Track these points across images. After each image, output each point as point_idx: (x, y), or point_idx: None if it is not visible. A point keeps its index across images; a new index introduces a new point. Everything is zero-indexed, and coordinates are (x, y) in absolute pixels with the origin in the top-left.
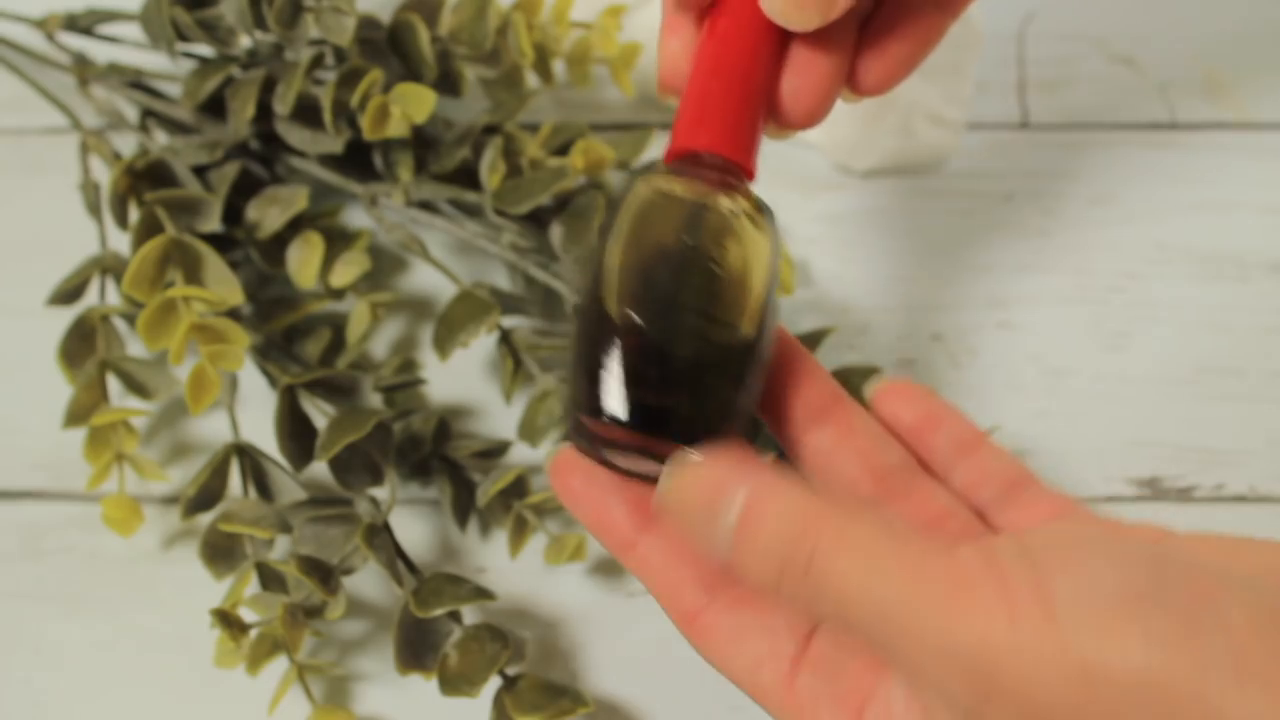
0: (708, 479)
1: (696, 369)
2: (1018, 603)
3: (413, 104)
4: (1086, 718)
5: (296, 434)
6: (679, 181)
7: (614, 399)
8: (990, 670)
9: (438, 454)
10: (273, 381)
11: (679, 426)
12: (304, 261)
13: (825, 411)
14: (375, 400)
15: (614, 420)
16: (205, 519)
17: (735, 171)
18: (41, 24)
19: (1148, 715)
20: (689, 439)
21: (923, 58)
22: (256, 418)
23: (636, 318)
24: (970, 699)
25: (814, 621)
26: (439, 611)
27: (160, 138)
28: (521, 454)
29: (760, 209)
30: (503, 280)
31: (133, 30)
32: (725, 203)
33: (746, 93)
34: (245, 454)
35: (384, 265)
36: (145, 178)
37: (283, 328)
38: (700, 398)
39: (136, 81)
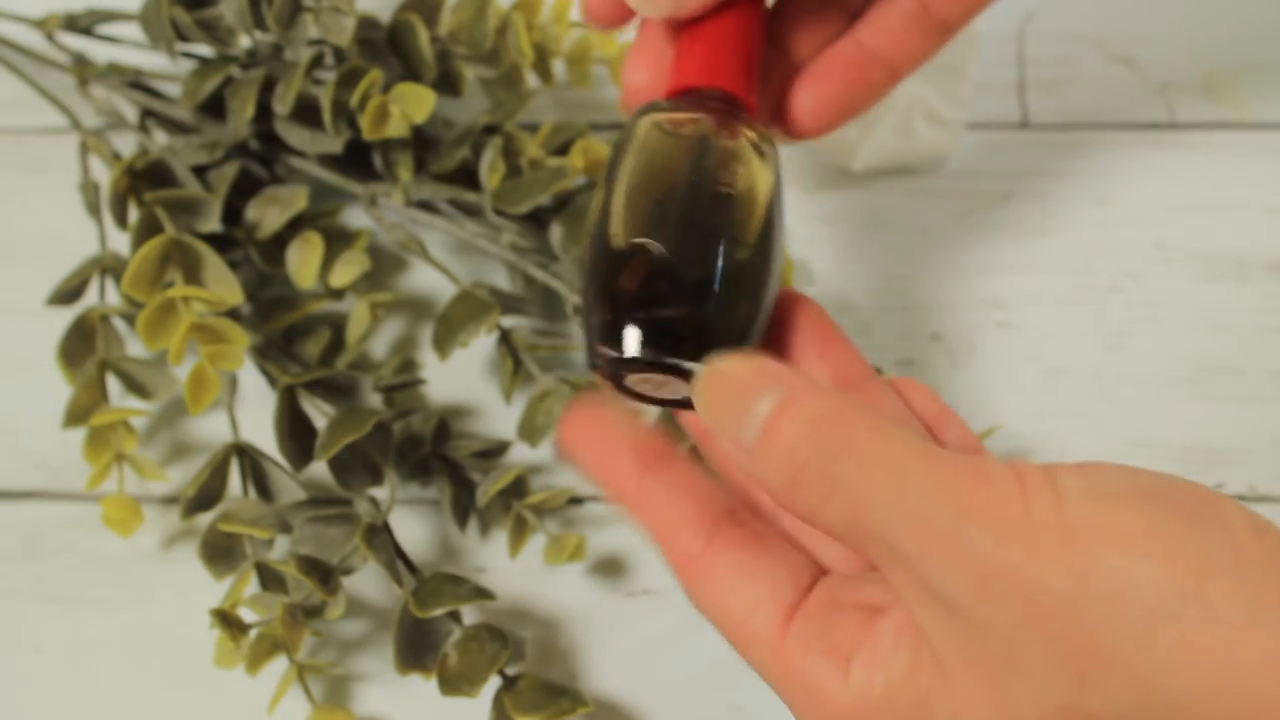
0: (747, 367)
1: (707, 284)
2: (1033, 500)
3: (412, 104)
4: (1085, 617)
5: (296, 434)
6: (682, 115)
7: (631, 322)
8: (997, 564)
9: (437, 454)
10: (272, 381)
11: (695, 339)
12: (304, 261)
13: (855, 386)
14: (375, 400)
15: (632, 342)
16: (205, 519)
17: (737, 104)
18: (41, 24)
19: (1144, 613)
20: (707, 350)
21: (856, 109)
22: (256, 418)
23: (645, 240)
24: (971, 596)
25: (815, 523)
26: (439, 611)
27: (160, 138)
28: (521, 454)
29: (764, 138)
30: (502, 280)
31: (132, 30)
32: (728, 132)
33: (740, 33)
34: (245, 454)
35: (384, 265)
36: (145, 178)
37: (282, 328)
38: (715, 312)
39: (136, 81)
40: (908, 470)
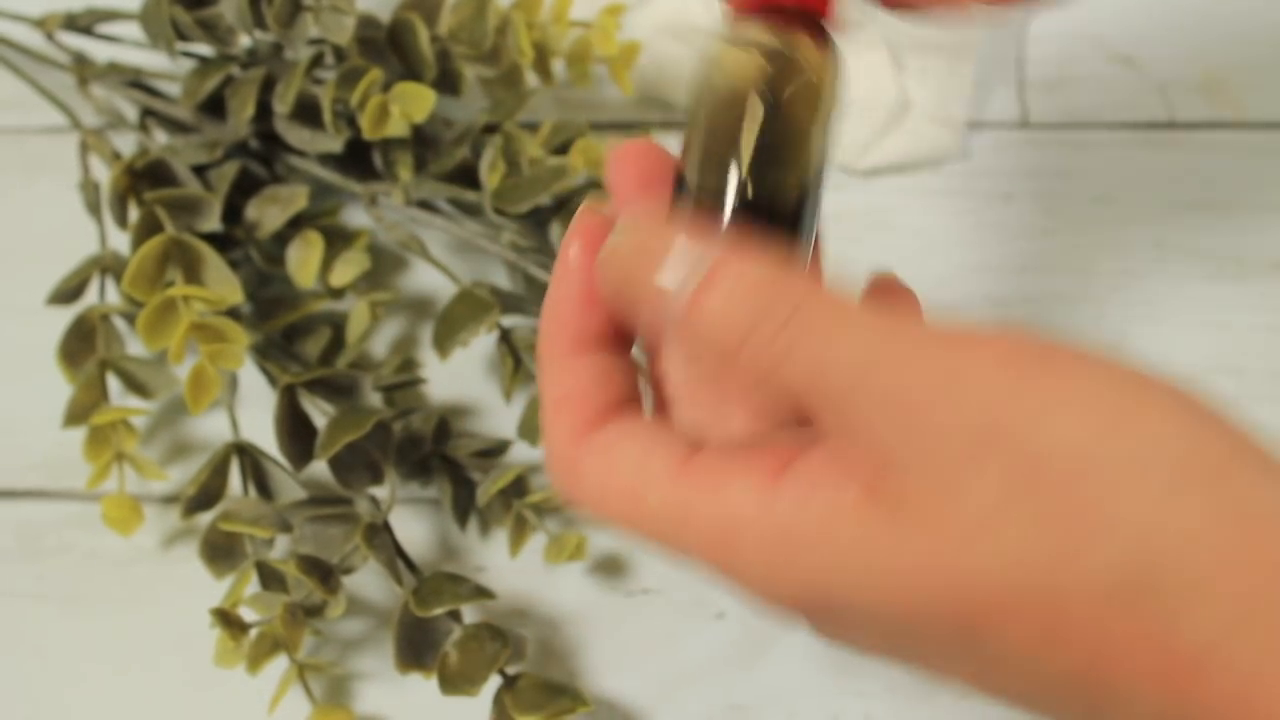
0: (669, 231)
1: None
2: (1027, 364)
3: (412, 103)
4: (1093, 484)
5: (296, 433)
6: (738, 43)
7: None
8: (993, 427)
9: (438, 453)
10: (273, 381)
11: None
12: (304, 261)
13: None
14: (375, 400)
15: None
16: (205, 518)
17: (805, 14)
18: (41, 23)
19: (1165, 484)
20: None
21: None
22: (256, 417)
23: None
24: (960, 455)
25: (768, 385)
26: (439, 611)
27: (160, 137)
28: (521, 453)
29: (826, 43)
30: (502, 279)
31: (132, 30)
32: (788, 48)
33: None
34: (245, 453)
35: (384, 264)
36: (145, 177)
37: (282, 327)
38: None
39: (136, 81)
40: (881, 334)
